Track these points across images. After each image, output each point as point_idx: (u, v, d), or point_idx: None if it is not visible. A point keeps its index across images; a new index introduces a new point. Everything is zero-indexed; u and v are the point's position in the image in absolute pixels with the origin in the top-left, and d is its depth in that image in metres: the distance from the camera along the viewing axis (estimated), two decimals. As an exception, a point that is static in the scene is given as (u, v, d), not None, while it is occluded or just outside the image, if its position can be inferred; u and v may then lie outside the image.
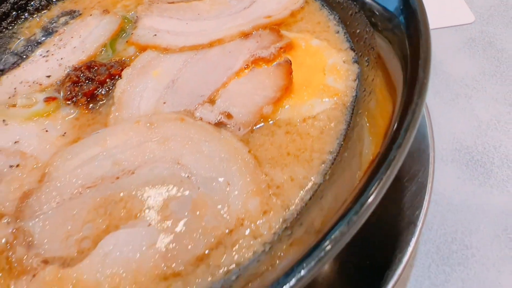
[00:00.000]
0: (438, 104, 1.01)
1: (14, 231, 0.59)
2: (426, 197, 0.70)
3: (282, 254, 0.48)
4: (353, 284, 0.65)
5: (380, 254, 0.65)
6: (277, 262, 0.48)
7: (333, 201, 0.50)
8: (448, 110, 1.00)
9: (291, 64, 0.66)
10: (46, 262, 0.55)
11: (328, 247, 0.38)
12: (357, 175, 0.50)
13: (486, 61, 1.11)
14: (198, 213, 0.55)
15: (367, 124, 0.57)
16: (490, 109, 1.00)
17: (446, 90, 1.04)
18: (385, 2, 0.64)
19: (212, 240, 0.53)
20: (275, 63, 0.68)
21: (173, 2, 0.91)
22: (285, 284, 0.36)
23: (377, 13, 0.66)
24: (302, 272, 0.36)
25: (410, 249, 0.65)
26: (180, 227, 0.55)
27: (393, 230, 0.67)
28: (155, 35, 0.81)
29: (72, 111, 0.75)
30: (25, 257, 0.56)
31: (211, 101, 0.68)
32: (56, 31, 0.93)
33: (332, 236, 0.38)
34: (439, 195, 0.87)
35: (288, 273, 0.37)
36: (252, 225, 0.53)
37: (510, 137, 0.93)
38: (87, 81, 0.76)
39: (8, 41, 0.95)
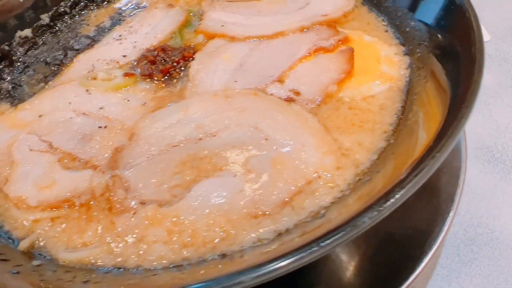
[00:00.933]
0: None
1: (111, 177, 0.66)
2: (460, 183, 0.79)
3: (356, 200, 0.57)
4: (394, 250, 0.72)
5: (420, 228, 0.73)
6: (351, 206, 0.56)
7: (397, 161, 0.59)
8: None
9: (353, 51, 0.76)
10: (143, 203, 0.63)
11: (411, 184, 0.46)
12: (417, 141, 0.59)
13: (501, 75, 1.23)
14: (277, 167, 0.64)
15: (421, 110, 0.67)
16: (507, 115, 1.11)
17: (467, 96, 1.15)
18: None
19: (293, 188, 0.61)
20: (338, 50, 0.78)
21: (232, 1, 1.01)
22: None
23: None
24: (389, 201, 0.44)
25: (446, 227, 0.74)
26: (262, 178, 0.63)
27: (431, 209, 0.75)
28: (222, 25, 0.91)
29: (148, 86, 0.83)
30: (124, 198, 0.63)
31: (280, 80, 0.78)
32: (123, 20, 1.03)
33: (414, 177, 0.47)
34: (464, 185, 0.96)
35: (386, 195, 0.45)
36: (328, 176, 0.62)
37: (527, 138, 1.04)
38: (162, 61, 0.85)
39: (78, 27, 1.04)
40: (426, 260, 0.69)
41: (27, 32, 0.98)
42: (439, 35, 0.72)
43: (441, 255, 0.87)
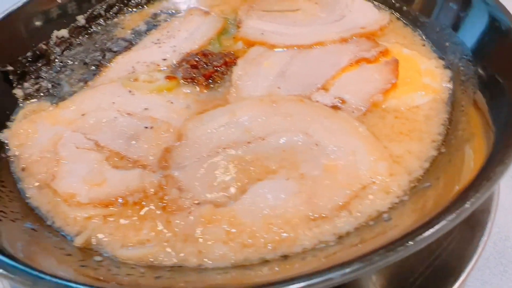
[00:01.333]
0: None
1: (164, 177, 0.67)
2: (494, 205, 0.80)
3: (410, 211, 0.58)
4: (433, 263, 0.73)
5: (459, 243, 0.74)
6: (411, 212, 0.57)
7: (454, 169, 0.61)
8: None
9: (398, 62, 0.78)
10: (198, 203, 0.63)
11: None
12: (471, 153, 0.61)
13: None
14: (330, 172, 0.65)
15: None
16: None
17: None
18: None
19: (348, 192, 0.62)
20: (384, 61, 0.80)
21: (267, 11, 1.03)
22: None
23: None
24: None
25: (484, 238, 0.75)
26: (316, 182, 0.64)
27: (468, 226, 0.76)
28: (262, 34, 0.93)
29: (190, 90, 0.84)
30: (178, 198, 0.63)
31: (324, 88, 0.79)
32: (159, 25, 1.04)
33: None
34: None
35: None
36: (383, 183, 0.63)
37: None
38: (204, 65, 0.86)
39: (113, 29, 1.05)
40: (463, 276, 0.70)
41: (64, 32, 0.99)
42: (482, 56, 0.74)
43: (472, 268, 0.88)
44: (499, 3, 0.71)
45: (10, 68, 0.86)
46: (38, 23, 0.97)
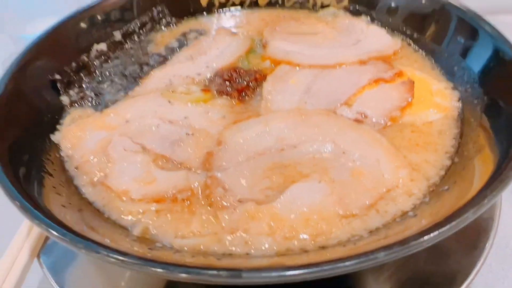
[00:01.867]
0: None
1: (209, 177, 0.74)
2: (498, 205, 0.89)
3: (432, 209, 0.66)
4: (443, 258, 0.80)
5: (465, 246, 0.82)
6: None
7: (467, 174, 0.70)
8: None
9: (413, 83, 0.88)
10: (241, 201, 0.70)
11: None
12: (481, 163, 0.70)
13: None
14: (358, 177, 0.73)
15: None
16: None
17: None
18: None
19: (375, 194, 0.70)
20: (400, 81, 0.90)
21: (290, 33, 1.13)
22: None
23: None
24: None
25: (490, 242, 0.83)
26: (345, 184, 0.72)
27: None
28: (288, 53, 1.02)
29: (225, 102, 0.93)
30: (223, 196, 0.71)
31: (347, 104, 0.88)
32: (189, 43, 1.13)
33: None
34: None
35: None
36: (405, 187, 0.71)
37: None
38: (237, 80, 0.95)
39: (147, 46, 1.14)
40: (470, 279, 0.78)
41: (103, 46, 1.07)
42: (487, 81, 0.84)
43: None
44: (503, 37, 0.82)
45: (58, 77, 0.94)
46: (80, 37, 1.05)
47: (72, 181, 0.76)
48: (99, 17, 1.09)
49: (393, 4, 1.13)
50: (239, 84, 0.94)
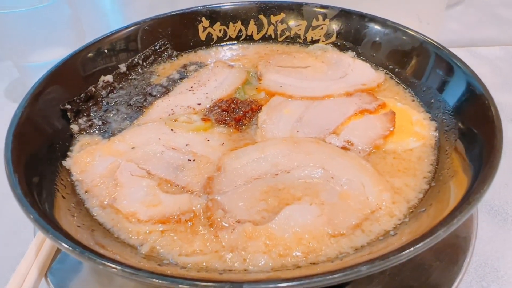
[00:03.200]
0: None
1: (209, 200, 0.81)
2: (475, 226, 0.97)
3: (411, 229, 0.74)
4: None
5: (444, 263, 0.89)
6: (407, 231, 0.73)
7: (442, 196, 0.78)
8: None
9: (395, 114, 0.97)
10: (239, 222, 0.77)
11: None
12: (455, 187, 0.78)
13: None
14: (345, 200, 0.81)
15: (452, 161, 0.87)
16: (504, 175, 1.33)
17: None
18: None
19: (360, 215, 0.78)
20: (383, 112, 0.99)
21: (282, 66, 1.23)
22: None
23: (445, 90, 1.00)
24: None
25: (467, 260, 0.90)
26: (333, 206, 0.80)
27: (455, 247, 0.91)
28: (281, 86, 1.11)
29: (223, 130, 1.01)
30: (223, 217, 0.78)
31: (335, 133, 0.97)
32: (189, 74, 1.22)
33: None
34: (470, 233, 1.15)
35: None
36: (387, 208, 0.79)
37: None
38: (234, 110, 1.03)
39: (150, 77, 1.22)
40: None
41: (109, 77, 1.15)
42: (461, 115, 0.93)
43: (457, 288, 1.03)
44: (474, 73, 0.92)
45: (68, 106, 1.01)
46: (88, 69, 1.13)
47: (83, 203, 0.83)
48: (106, 51, 1.18)
49: (377, 41, 1.24)
50: (237, 114, 1.03)
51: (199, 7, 1.35)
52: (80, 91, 1.07)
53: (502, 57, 1.93)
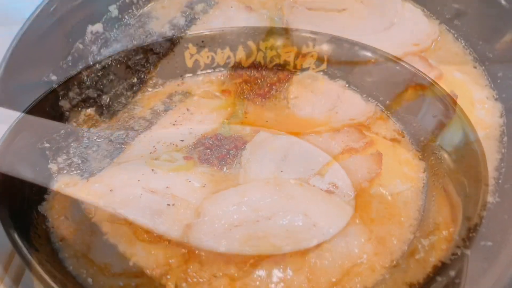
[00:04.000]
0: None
1: (187, 252, 0.78)
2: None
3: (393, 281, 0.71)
4: None
5: None
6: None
7: (426, 255, 0.75)
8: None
9: (382, 156, 0.94)
10: (216, 276, 0.75)
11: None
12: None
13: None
14: (326, 251, 0.78)
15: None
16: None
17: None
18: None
19: (341, 270, 0.75)
20: (370, 153, 0.96)
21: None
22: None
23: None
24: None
25: None
26: (315, 260, 0.77)
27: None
28: (267, 121, 1.09)
29: (206, 170, 0.98)
30: (200, 271, 0.75)
31: (320, 174, 0.94)
32: (175, 106, 1.19)
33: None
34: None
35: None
36: (369, 262, 0.76)
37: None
38: (218, 148, 1.01)
39: (134, 108, 1.19)
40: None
41: (91, 110, 1.13)
42: (452, 159, 0.91)
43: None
44: (469, 120, 0.89)
45: (47, 145, 0.98)
46: (65, 101, 1.10)
47: (57, 254, 0.80)
48: (87, 83, 1.15)
49: (369, 69, 1.21)
50: (220, 152, 1.00)
51: (186, 33, 1.32)
52: (60, 128, 1.04)
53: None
